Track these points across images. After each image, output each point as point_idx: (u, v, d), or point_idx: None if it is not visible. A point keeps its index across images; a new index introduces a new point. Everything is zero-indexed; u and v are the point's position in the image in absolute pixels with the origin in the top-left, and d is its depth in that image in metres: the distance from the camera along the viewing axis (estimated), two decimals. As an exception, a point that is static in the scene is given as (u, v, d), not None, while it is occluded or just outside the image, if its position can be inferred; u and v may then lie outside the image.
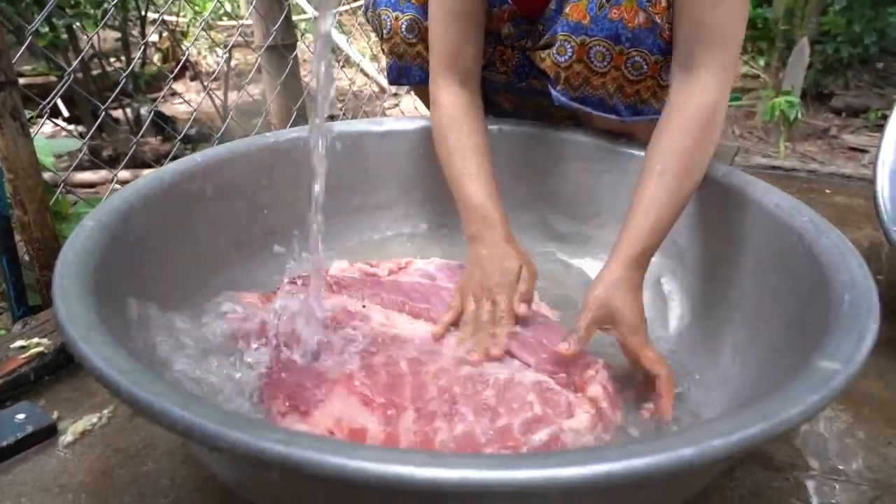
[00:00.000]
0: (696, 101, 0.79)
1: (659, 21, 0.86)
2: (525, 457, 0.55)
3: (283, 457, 0.41)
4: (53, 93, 1.19)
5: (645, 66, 0.89)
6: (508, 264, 0.82)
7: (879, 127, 3.38)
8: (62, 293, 0.59)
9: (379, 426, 0.65)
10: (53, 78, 3.34)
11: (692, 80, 0.80)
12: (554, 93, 0.96)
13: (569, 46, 0.90)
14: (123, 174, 2.81)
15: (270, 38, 1.57)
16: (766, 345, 0.72)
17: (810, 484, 0.71)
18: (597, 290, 0.74)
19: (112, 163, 3.21)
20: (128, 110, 3.24)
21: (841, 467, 0.73)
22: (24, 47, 1.12)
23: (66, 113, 3.24)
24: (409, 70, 1.08)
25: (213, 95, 3.15)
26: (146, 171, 2.75)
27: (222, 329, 0.78)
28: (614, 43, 0.88)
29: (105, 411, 0.78)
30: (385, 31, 1.07)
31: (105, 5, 3.06)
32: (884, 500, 0.69)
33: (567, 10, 0.89)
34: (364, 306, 0.84)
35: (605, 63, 0.90)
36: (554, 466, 0.40)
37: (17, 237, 0.99)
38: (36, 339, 0.85)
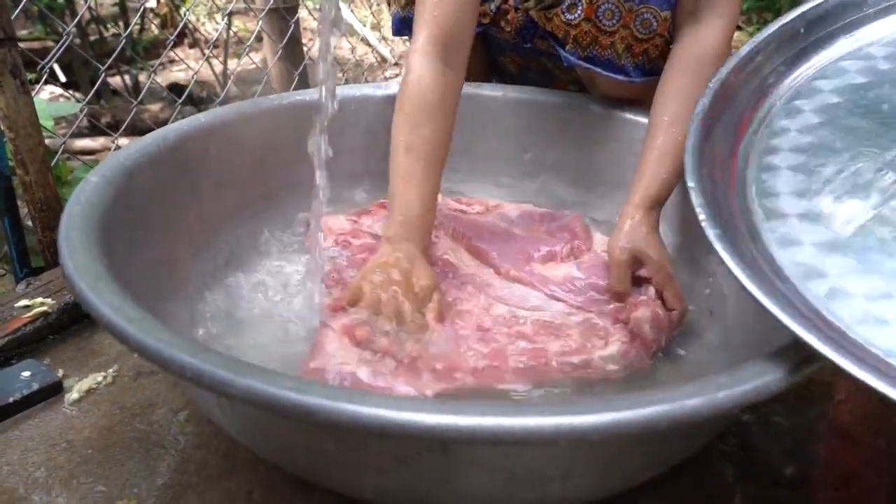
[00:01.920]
0: (704, 45, 0.81)
1: None
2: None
3: (294, 403, 0.41)
4: (51, 54, 1.17)
5: (655, 24, 0.88)
6: (423, 282, 0.74)
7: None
8: (69, 244, 0.59)
9: None
10: (50, 43, 3.30)
11: (700, 26, 0.82)
12: (563, 53, 0.94)
13: (579, 4, 0.89)
14: (123, 141, 2.80)
15: (272, 2, 1.54)
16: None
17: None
18: (620, 240, 0.77)
19: (111, 129, 3.19)
20: (126, 77, 3.21)
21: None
22: (19, 8, 1.09)
23: (63, 79, 3.20)
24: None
25: (213, 62, 3.11)
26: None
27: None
28: (624, 0, 0.87)
29: (110, 370, 0.78)
30: None
31: (102, -31, 3.01)
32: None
33: None
34: (435, 236, 0.86)
35: (615, 22, 0.89)
36: (566, 414, 0.40)
37: (18, 199, 0.99)
38: (40, 299, 0.85)
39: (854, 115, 0.63)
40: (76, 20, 1.22)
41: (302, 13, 1.90)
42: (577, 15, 0.89)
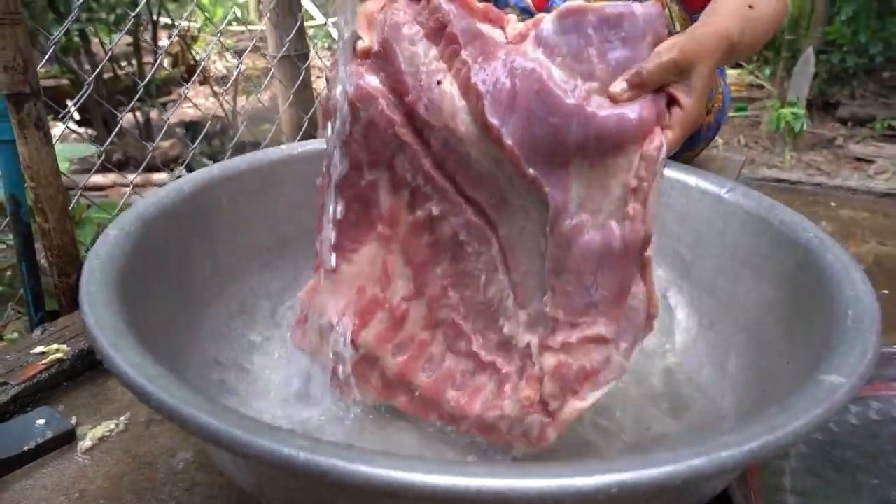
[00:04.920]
0: None
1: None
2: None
3: (308, 464, 0.42)
4: (73, 104, 1.21)
5: None
6: None
7: (886, 137, 3.40)
8: (90, 300, 0.61)
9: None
10: (65, 81, 3.38)
11: None
12: None
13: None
14: (131, 176, 2.85)
15: (284, 49, 1.59)
16: (770, 358, 0.73)
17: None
18: (676, 37, 0.59)
19: (121, 166, 3.25)
20: (137, 114, 3.28)
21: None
22: (45, 58, 1.14)
23: (76, 116, 3.27)
24: None
25: (223, 100, 3.18)
26: (156, 175, 2.79)
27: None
28: None
29: (122, 417, 0.80)
30: None
31: (118, 11, 3.10)
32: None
33: None
34: (439, 82, 0.62)
35: None
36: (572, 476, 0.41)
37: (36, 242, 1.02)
38: (55, 346, 0.87)
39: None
40: (98, 70, 1.26)
41: (313, 54, 1.95)
42: None
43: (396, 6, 0.63)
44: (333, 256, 0.72)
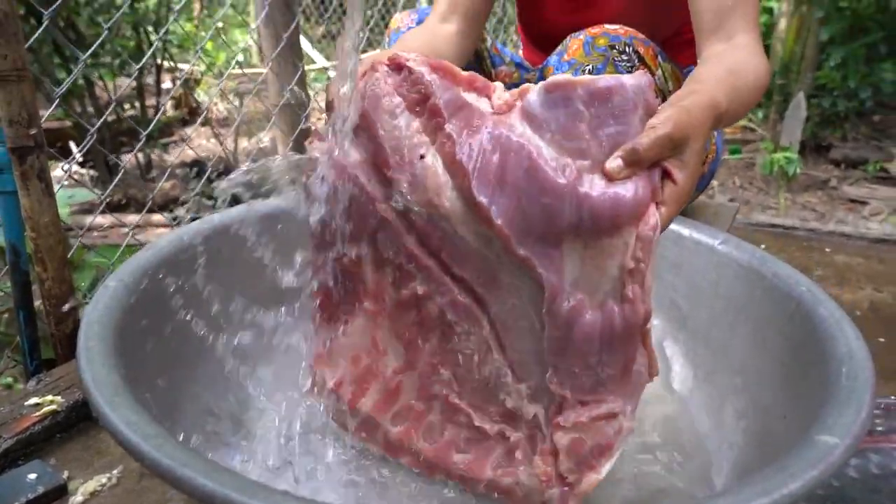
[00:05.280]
0: (737, 53, 0.78)
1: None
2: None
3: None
4: (77, 150, 1.23)
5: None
6: None
7: (879, 179, 3.44)
8: (87, 355, 0.61)
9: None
10: (69, 123, 3.43)
11: (730, 43, 0.80)
12: None
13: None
14: (132, 218, 2.86)
15: (284, 98, 1.63)
16: (767, 412, 0.73)
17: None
18: (667, 110, 0.57)
19: (122, 206, 3.27)
20: (139, 155, 3.31)
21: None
22: (52, 107, 1.16)
23: (79, 157, 3.30)
24: None
25: (224, 141, 3.23)
26: (156, 217, 2.81)
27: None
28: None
29: (115, 471, 0.79)
30: None
31: (122, 56, 3.16)
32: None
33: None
34: (422, 156, 0.60)
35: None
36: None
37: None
38: (50, 397, 0.87)
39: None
40: (101, 121, 1.29)
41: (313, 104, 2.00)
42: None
43: (377, 76, 0.61)
44: (323, 328, 0.72)
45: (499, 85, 0.60)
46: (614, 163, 0.54)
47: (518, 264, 0.58)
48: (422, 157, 0.59)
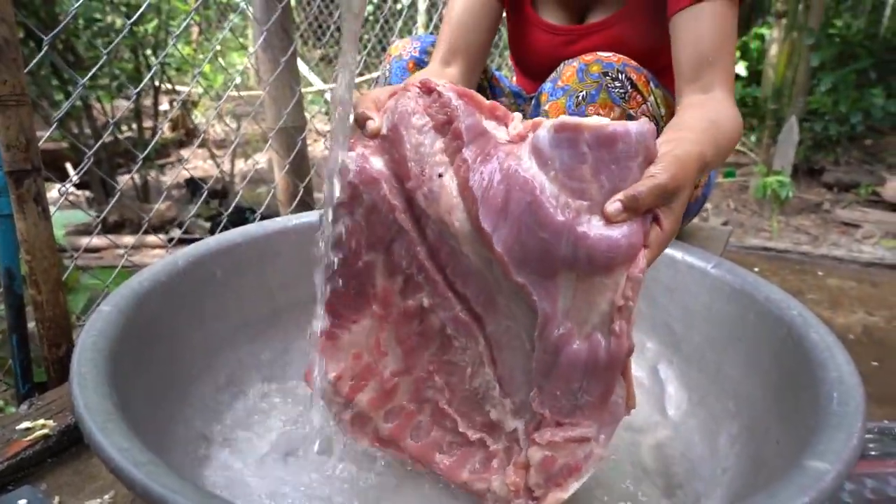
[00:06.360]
0: (715, 105, 0.82)
1: (633, 114, 0.91)
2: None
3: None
4: (75, 172, 1.23)
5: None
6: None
7: (871, 202, 3.47)
8: (80, 381, 0.61)
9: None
10: (65, 144, 3.44)
11: (707, 94, 0.84)
12: None
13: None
14: (128, 239, 2.86)
15: (281, 121, 1.64)
16: (759, 437, 0.73)
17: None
18: (664, 160, 0.59)
19: (117, 228, 3.27)
20: (135, 176, 3.32)
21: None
22: (50, 131, 1.17)
23: (75, 179, 3.31)
24: None
25: (221, 163, 3.24)
26: (151, 238, 2.81)
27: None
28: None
29: (106, 496, 0.79)
30: None
31: (120, 79, 3.19)
32: None
33: (546, 107, 0.95)
34: (440, 175, 0.64)
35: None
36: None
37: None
38: (41, 421, 0.86)
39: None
40: (98, 144, 1.30)
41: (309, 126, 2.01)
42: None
43: (409, 94, 0.65)
44: (332, 324, 0.74)
45: (517, 115, 0.63)
46: (613, 206, 0.57)
47: (515, 289, 0.61)
48: (440, 175, 0.63)
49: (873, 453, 0.87)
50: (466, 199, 0.61)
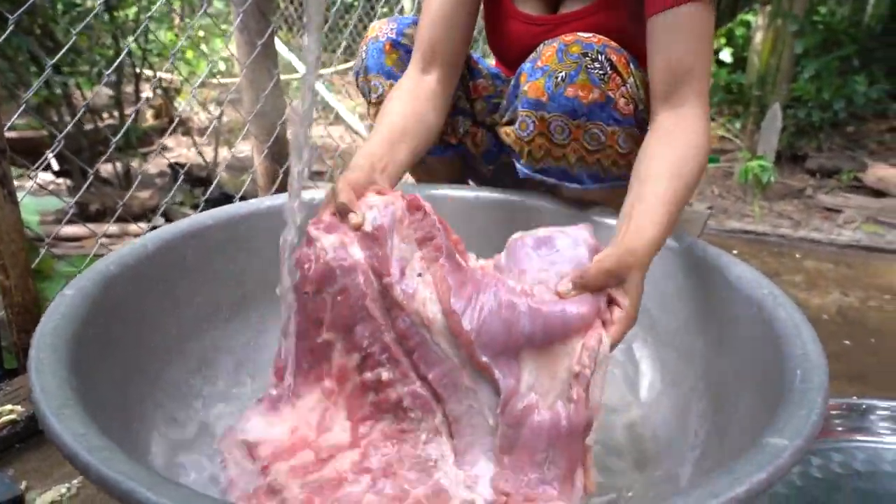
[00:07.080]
0: (685, 125, 0.84)
1: (612, 96, 0.91)
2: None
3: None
4: (44, 156, 1.21)
5: (602, 137, 0.94)
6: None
7: (852, 188, 3.49)
8: (37, 366, 0.60)
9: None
10: (45, 133, 3.39)
11: (679, 113, 0.85)
12: (518, 166, 1.00)
13: (530, 121, 0.95)
14: (111, 228, 2.83)
15: (259, 105, 1.62)
16: (727, 415, 0.74)
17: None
18: (614, 250, 0.70)
19: (99, 216, 3.23)
20: (117, 164, 3.28)
21: None
22: (17, 114, 1.15)
23: (55, 166, 3.27)
24: None
25: (204, 150, 3.21)
26: (133, 226, 2.78)
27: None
28: (571, 118, 0.93)
29: (74, 481, 0.78)
30: (375, 96, 1.12)
31: (100, 65, 3.14)
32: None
33: (526, 87, 0.95)
34: (420, 274, 0.73)
35: (565, 136, 0.95)
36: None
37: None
38: (9, 406, 0.85)
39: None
40: (74, 120, 1.27)
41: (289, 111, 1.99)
42: (529, 131, 0.96)
43: (399, 206, 0.74)
44: (277, 394, 0.76)
45: (472, 255, 0.76)
46: (565, 285, 0.68)
47: (479, 370, 0.68)
48: (419, 275, 0.72)
49: (840, 428, 0.88)
50: (441, 290, 0.70)
